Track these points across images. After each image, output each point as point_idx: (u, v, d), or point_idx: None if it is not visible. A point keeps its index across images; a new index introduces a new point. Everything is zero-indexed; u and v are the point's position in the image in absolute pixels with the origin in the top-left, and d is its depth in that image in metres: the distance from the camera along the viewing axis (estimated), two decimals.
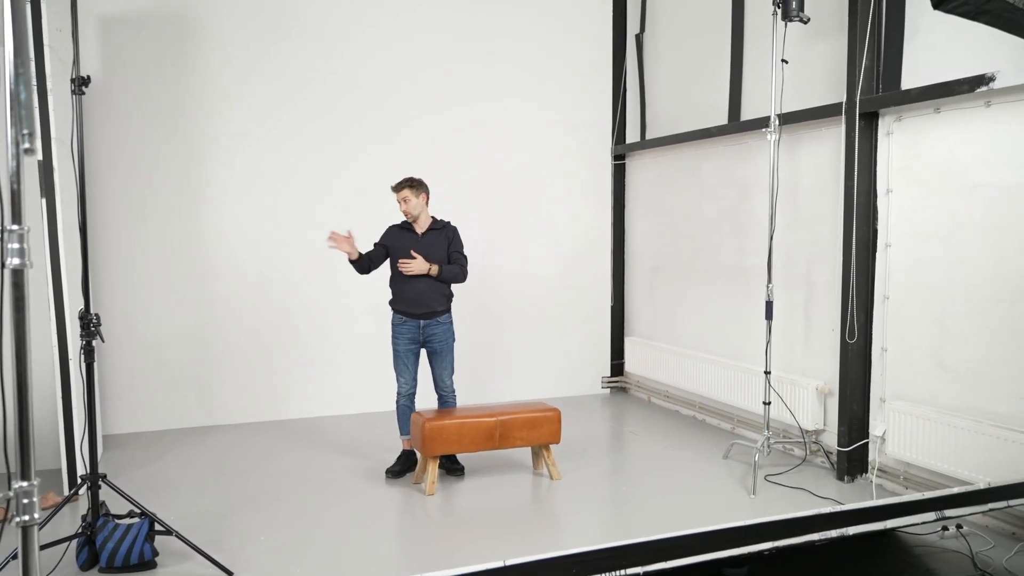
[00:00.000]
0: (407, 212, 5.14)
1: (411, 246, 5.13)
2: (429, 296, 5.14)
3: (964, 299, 4.47)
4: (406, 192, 5.11)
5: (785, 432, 5.69)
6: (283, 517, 4.53)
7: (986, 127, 4.34)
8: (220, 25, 6.44)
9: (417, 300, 5.12)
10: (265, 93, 6.58)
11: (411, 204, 5.12)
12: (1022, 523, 4.15)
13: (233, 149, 6.53)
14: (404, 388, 5.23)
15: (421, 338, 5.19)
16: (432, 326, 5.19)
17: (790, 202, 5.64)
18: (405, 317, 5.16)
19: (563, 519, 4.67)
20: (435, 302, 5.17)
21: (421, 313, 5.14)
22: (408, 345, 5.18)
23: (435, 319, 5.19)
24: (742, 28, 6.26)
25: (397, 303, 5.18)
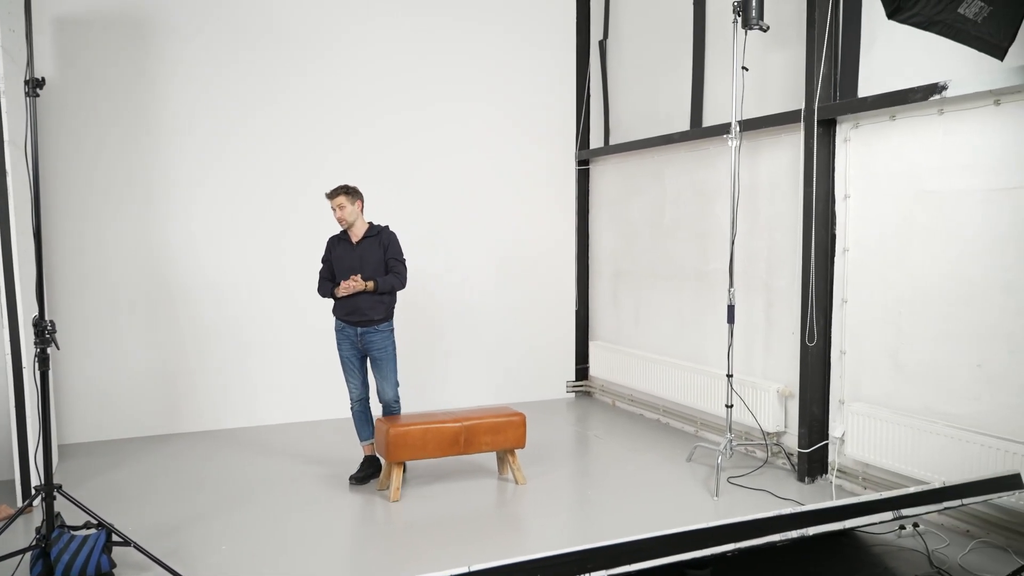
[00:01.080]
0: (342, 219, 5.06)
1: (346, 255, 5.10)
2: (365, 305, 5.06)
3: (919, 302, 4.57)
4: (341, 199, 5.03)
5: (747, 434, 5.76)
6: (245, 526, 4.47)
7: (939, 134, 4.45)
8: (178, 27, 6.35)
9: (352, 308, 5.08)
10: (224, 96, 6.51)
11: (346, 211, 5.03)
12: (976, 521, 4.24)
13: (191, 153, 6.44)
14: (354, 393, 5.23)
15: (360, 345, 5.15)
16: (370, 334, 5.11)
17: (751, 208, 5.72)
18: (344, 324, 5.15)
19: (528, 523, 4.68)
20: (371, 311, 5.07)
21: (357, 321, 5.10)
22: (350, 351, 5.17)
23: (372, 327, 5.10)
24: (703, 35, 6.34)
25: (336, 310, 5.19)
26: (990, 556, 3.98)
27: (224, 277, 6.56)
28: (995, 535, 4.14)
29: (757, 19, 4.94)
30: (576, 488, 5.34)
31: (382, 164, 6.93)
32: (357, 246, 5.12)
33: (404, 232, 6.88)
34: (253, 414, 6.69)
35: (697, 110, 6.41)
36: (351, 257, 5.09)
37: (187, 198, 6.44)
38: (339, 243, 5.20)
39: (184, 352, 6.47)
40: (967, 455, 4.21)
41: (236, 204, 6.58)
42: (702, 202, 6.34)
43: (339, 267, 5.13)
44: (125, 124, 6.25)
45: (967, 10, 3.54)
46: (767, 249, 5.67)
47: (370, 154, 6.90)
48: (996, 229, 4.14)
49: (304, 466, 5.57)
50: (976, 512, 4.23)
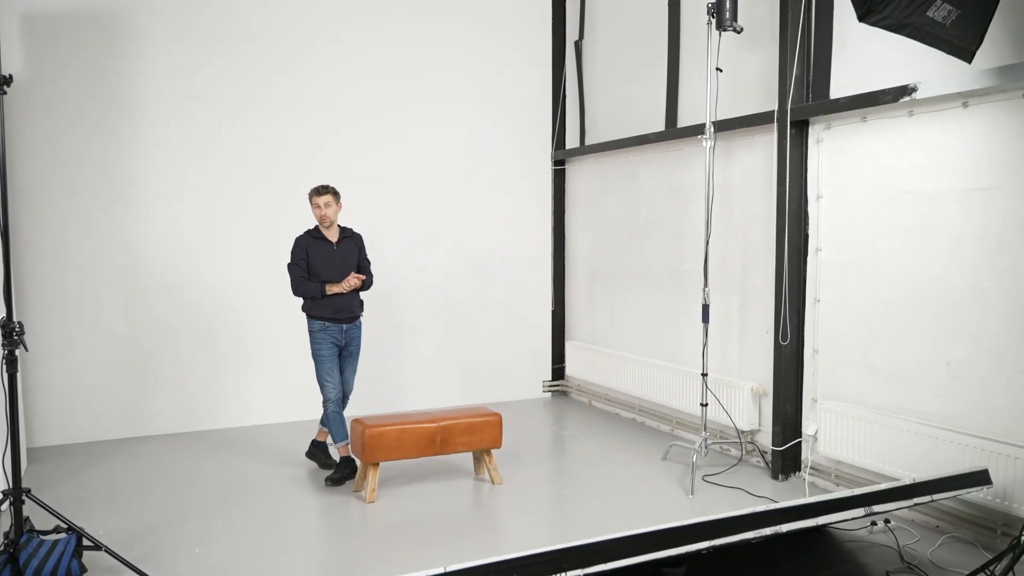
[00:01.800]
0: (326, 217, 5.14)
1: (329, 255, 5.19)
2: (353, 303, 5.27)
3: (890, 302, 4.63)
4: (329, 198, 5.14)
5: (722, 433, 5.81)
6: (219, 528, 4.43)
7: (909, 136, 4.51)
8: (148, 23, 6.27)
9: (342, 306, 5.20)
10: (194, 93, 6.43)
11: (331, 210, 5.15)
12: (946, 517, 4.31)
13: (162, 151, 6.36)
14: (333, 393, 5.21)
15: (343, 342, 5.24)
16: (352, 330, 5.29)
17: (725, 208, 5.77)
18: (328, 323, 5.16)
19: (505, 523, 4.68)
20: (357, 307, 5.31)
21: (346, 318, 5.21)
22: (332, 350, 5.21)
23: (354, 323, 5.30)
24: (678, 37, 6.38)
25: (320, 310, 5.15)
26: (959, 551, 4.04)
27: (196, 278, 6.49)
28: (964, 530, 4.21)
29: (731, 21, 4.97)
30: (552, 488, 5.34)
31: (360, 164, 6.90)
32: (338, 247, 5.23)
33: (381, 232, 6.92)
34: (226, 416, 6.63)
35: (672, 111, 6.45)
36: (334, 257, 5.20)
37: (159, 197, 6.36)
38: (316, 243, 5.20)
39: (156, 353, 6.40)
40: (937, 452, 4.28)
41: (209, 203, 6.51)
42: (677, 202, 6.38)
43: (321, 266, 5.15)
44: (94, 120, 6.16)
45: (936, 13, 3.59)
46: (741, 249, 5.72)
47: (348, 154, 6.87)
48: (964, 229, 4.21)
49: (278, 468, 5.53)
50: (946, 508, 4.29)
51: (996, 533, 4.07)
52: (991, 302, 4.08)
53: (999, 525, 4.06)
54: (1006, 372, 4.02)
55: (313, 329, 5.18)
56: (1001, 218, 4.03)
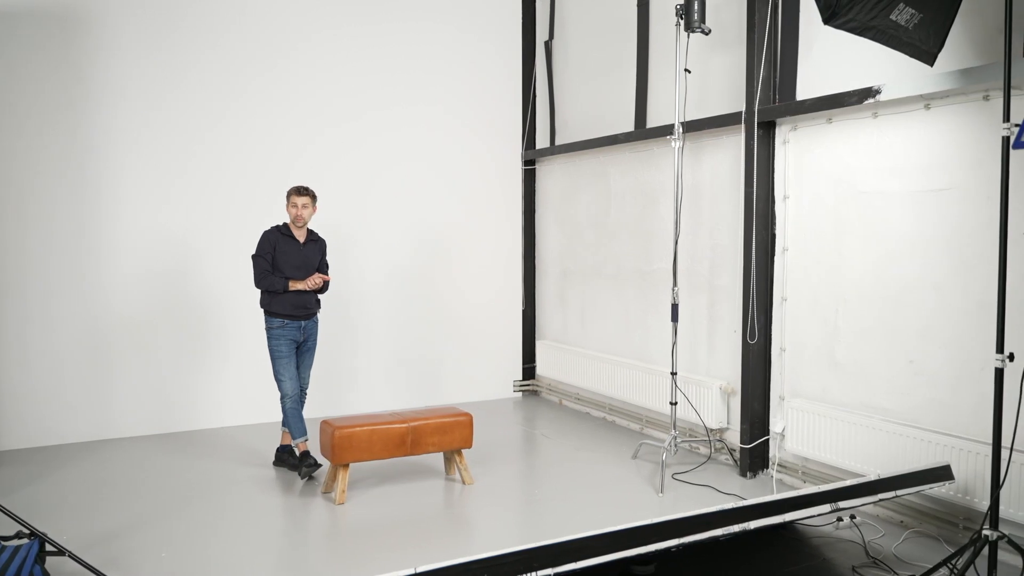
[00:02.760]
0: (300, 217, 5.26)
1: (295, 252, 5.29)
2: (311, 301, 5.38)
3: (854, 300, 4.70)
4: (307, 199, 5.29)
5: (691, 431, 5.85)
6: (185, 532, 4.37)
7: (873, 137, 4.58)
8: (111, 17, 6.16)
9: (301, 303, 5.30)
10: (161, 91, 6.34)
11: (307, 211, 5.29)
12: (910, 512, 4.39)
13: (127, 149, 6.26)
14: (292, 389, 5.28)
15: (301, 338, 5.34)
16: (310, 326, 5.41)
17: (694, 208, 5.81)
18: (287, 320, 5.24)
19: (475, 524, 4.67)
20: (314, 304, 5.42)
21: (305, 314, 5.31)
22: (291, 346, 5.30)
23: (312, 319, 5.40)
24: (647, 38, 6.42)
25: (280, 307, 5.24)
26: (923, 545, 4.12)
27: (162, 279, 6.40)
28: (927, 525, 4.29)
29: (699, 22, 5.01)
30: (523, 487, 5.35)
31: (330, 164, 6.85)
32: (304, 246, 5.35)
33: (351, 231, 6.90)
34: (193, 418, 6.54)
35: (641, 111, 6.49)
36: (300, 256, 5.32)
37: (125, 194, 6.25)
38: (284, 239, 5.27)
39: (122, 356, 6.29)
40: (900, 448, 4.35)
41: (177, 202, 6.42)
42: (646, 202, 6.42)
43: (286, 263, 5.25)
44: (57, 119, 6.04)
45: (899, 17, 3.65)
46: (710, 249, 5.77)
47: (318, 153, 6.82)
48: (926, 229, 4.29)
49: (246, 469, 5.47)
50: (909, 503, 4.37)
51: (958, 527, 4.15)
52: (952, 300, 4.16)
53: (961, 519, 4.14)
54: (967, 369, 4.10)
55: (272, 326, 5.25)
56: (962, 218, 4.11)
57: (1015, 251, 3.69)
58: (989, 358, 3.48)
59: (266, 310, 5.26)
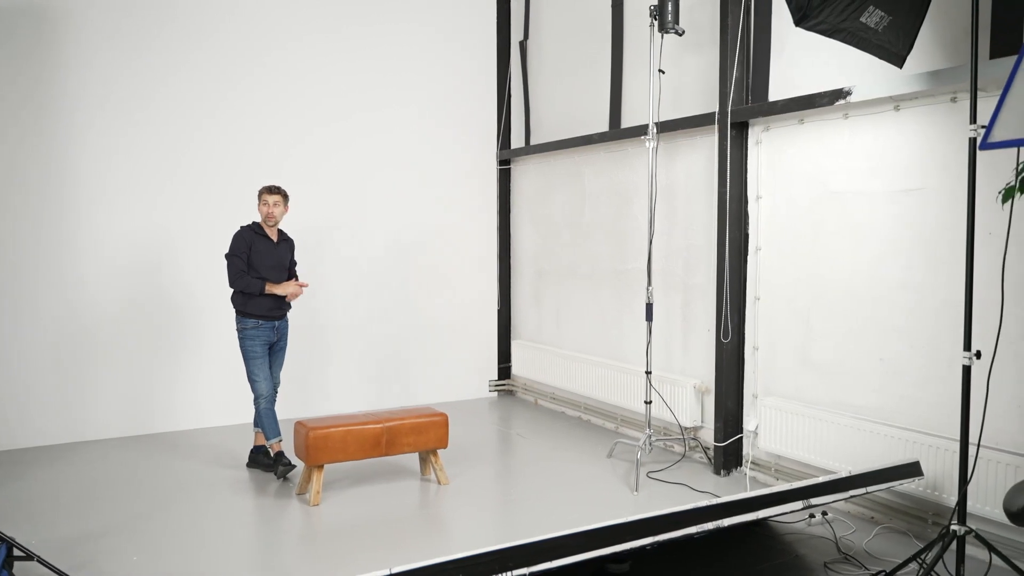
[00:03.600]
0: (271, 215, 5.24)
1: (269, 251, 5.28)
2: (283, 300, 5.37)
3: (826, 300, 4.76)
4: (279, 198, 5.27)
5: (666, 430, 5.89)
6: (158, 535, 4.32)
7: (844, 138, 4.63)
8: (82, 17, 6.07)
9: (276, 304, 5.30)
10: (132, 91, 6.25)
11: (278, 210, 5.27)
12: (880, 508, 4.44)
13: (99, 148, 6.17)
14: (266, 390, 5.27)
15: (275, 338, 5.34)
16: (283, 326, 5.44)
17: (668, 208, 5.85)
18: (262, 321, 5.22)
19: (451, 524, 4.66)
20: (284, 306, 5.41)
21: (279, 315, 5.33)
22: (264, 347, 5.29)
23: (284, 319, 5.42)
24: (621, 38, 6.45)
25: (257, 309, 5.21)
26: (893, 540, 4.17)
27: (136, 280, 6.32)
28: (897, 520, 4.35)
29: (673, 23, 5.04)
30: (499, 487, 5.35)
31: (304, 164, 6.80)
32: (278, 246, 5.35)
33: (326, 231, 6.86)
34: (166, 419, 6.46)
35: (616, 111, 6.51)
36: (274, 255, 5.32)
37: (97, 193, 6.16)
38: (258, 239, 5.25)
39: (93, 357, 6.20)
40: (871, 445, 4.41)
41: (151, 201, 6.34)
42: (621, 202, 6.45)
43: (261, 263, 5.23)
44: (28, 118, 5.92)
45: (869, 19, 3.70)
46: (684, 248, 5.80)
47: (292, 154, 6.76)
48: (896, 229, 4.35)
49: (220, 471, 5.42)
50: (880, 499, 4.43)
51: (927, 523, 4.21)
52: (922, 299, 4.22)
53: (930, 515, 4.21)
54: (936, 367, 4.16)
55: (246, 327, 5.20)
56: (931, 218, 4.17)
57: (982, 251, 3.75)
58: (957, 356, 3.53)
59: (240, 310, 5.21)
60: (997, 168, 3.72)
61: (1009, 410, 3.82)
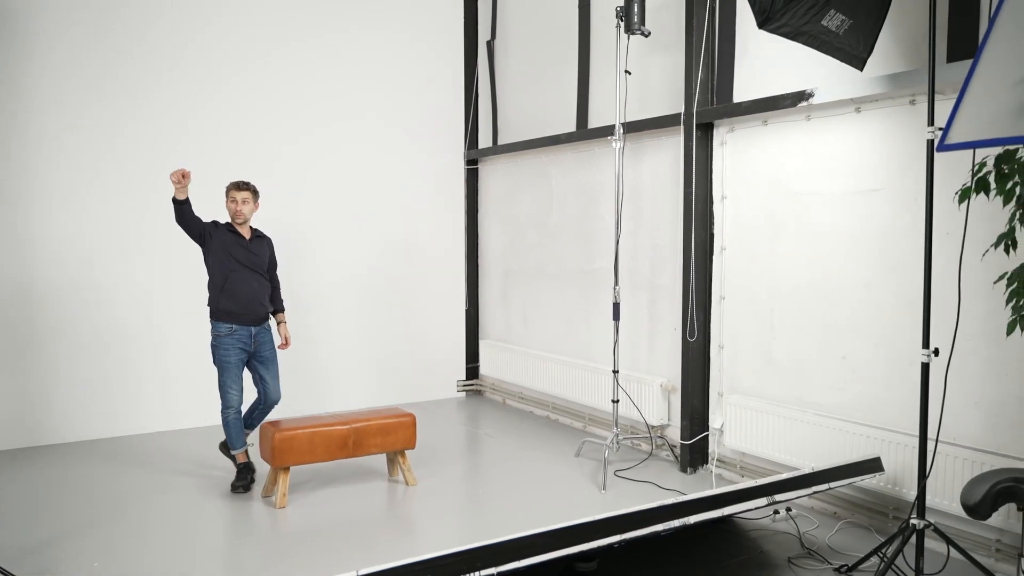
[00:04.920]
0: (240, 212, 4.99)
1: (240, 250, 5.02)
2: (261, 293, 5.10)
3: (789, 299, 4.82)
4: (248, 194, 5.03)
5: (633, 428, 5.92)
6: (120, 540, 4.24)
7: (806, 139, 4.70)
8: (38, 16, 5.95)
9: (252, 299, 5.00)
10: (88, 92, 6.13)
11: (248, 207, 5.03)
12: (842, 503, 4.52)
13: (56, 148, 6.04)
14: (235, 401, 5.01)
15: (252, 347, 5.05)
16: (262, 333, 5.10)
17: (634, 208, 5.89)
18: (236, 326, 4.97)
19: (419, 525, 4.65)
20: (266, 302, 5.13)
21: (254, 318, 5.02)
22: (239, 356, 5.00)
23: (263, 325, 5.12)
24: (588, 39, 6.47)
25: (228, 306, 4.95)
26: (855, 535, 4.25)
27: (95, 279, 6.20)
28: (859, 515, 4.42)
29: (639, 25, 5.08)
30: (467, 487, 5.34)
31: (270, 164, 6.73)
32: (251, 243, 5.11)
33: (292, 232, 6.78)
34: (127, 423, 6.35)
35: (583, 112, 6.54)
36: (246, 253, 5.05)
37: (54, 195, 6.04)
38: (228, 234, 5.03)
39: (49, 359, 6.08)
40: (834, 442, 4.48)
41: (113, 201, 6.23)
42: (588, 202, 6.47)
43: (229, 258, 4.97)
44: None
45: (830, 22, 3.76)
46: (650, 248, 5.85)
47: (258, 153, 6.69)
48: (857, 229, 4.42)
49: (183, 475, 5.34)
50: (842, 495, 4.50)
51: (888, 517, 4.29)
52: (882, 298, 4.30)
53: (891, 509, 4.28)
54: (896, 364, 4.24)
55: (220, 333, 4.97)
56: (891, 218, 4.25)
57: (940, 250, 3.83)
58: (917, 354, 3.61)
59: (213, 308, 4.98)
60: (955, 170, 3.81)
61: (966, 406, 3.91)
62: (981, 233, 3.65)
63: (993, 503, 3.18)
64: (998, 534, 3.79)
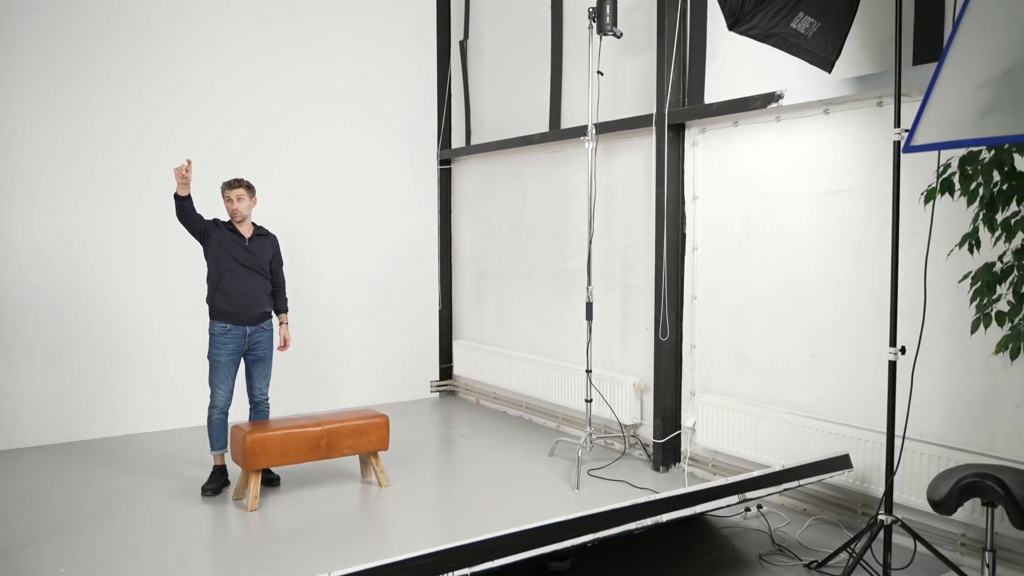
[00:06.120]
0: (237, 211, 4.95)
1: (239, 249, 4.97)
2: (258, 293, 5.03)
3: (760, 298, 4.87)
4: (242, 191, 4.97)
5: (606, 427, 5.95)
6: (89, 545, 4.18)
7: (777, 140, 4.75)
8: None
9: (246, 298, 4.95)
10: (63, 89, 6.04)
11: (243, 204, 4.97)
12: (812, 500, 4.57)
13: (30, 147, 5.93)
14: (222, 402, 4.98)
15: (246, 347, 5.02)
16: (258, 333, 5.05)
17: (607, 208, 5.91)
18: (230, 325, 4.94)
19: (392, 526, 4.63)
20: (263, 302, 5.06)
21: (249, 318, 4.98)
22: (231, 356, 4.97)
23: (260, 325, 5.06)
24: (561, 40, 6.49)
25: (222, 305, 4.92)
26: (825, 531, 4.30)
27: (70, 279, 6.10)
28: (828, 512, 4.48)
29: (611, 26, 5.10)
30: (440, 488, 5.33)
31: (241, 165, 6.65)
32: (250, 242, 5.04)
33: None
34: (99, 425, 6.25)
35: (556, 112, 6.55)
36: (244, 252, 4.99)
37: (30, 193, 5.92)
38: (227, 232, 4.98)
39: (21, 360, 5.96)
40: (804, 439, 4.53)
41: (89, 200, 6.13)
42: (561, 202, 6.49)
43: (226, 257, 4.92)
44: None
45: (799, 25, 3.80)
46: (623, 248, 5.87)
47: (228, 155, 6.61)
48: (826, 230, 4.48)
49: (154, 479, 5.27)
50: (812, 491, 4.55)
51: (857, 513, 4.35)
52: (851, 297, 4.36)
53: (859, 506, 4.34)
54: (864, 363, 4.30)
55: (214, 332, 4.94)
56: (860, 218, 4.31)
57: (907, 250, 3.89)
58: (884, 352, 3.66)
59: (210, 306, 4.94)
60: (921, 170, 3.87)
61: (933, 403, 3.97)
62: (947, 233, 3.71)
63: (958, 498, 3.23)
64: (963, 528, 3.86)
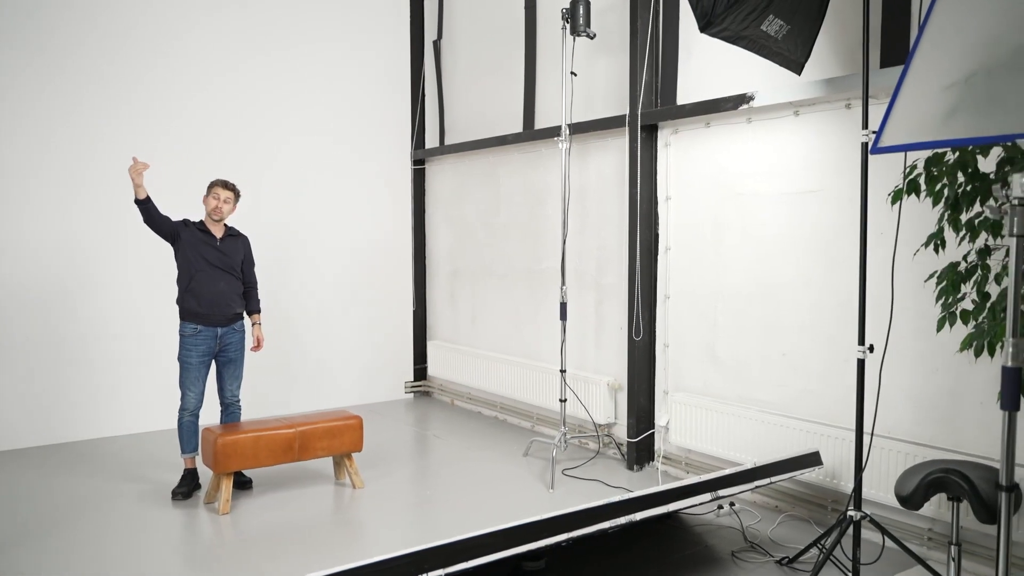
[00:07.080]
0: (218, 210, 4.91)
1: (209, 249, 4.92)
2: (229, 294, 4.97)
3: (731, 298, 4.92)
4: (231, 195, 4.96)
5: (580, 427, 5.97)
6: (57, 550, 4.11)
7: (748, 141, 4.80)
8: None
9: (218, 299, 4.90)
10: (38, 88, 5.94)
11: (227, 207, 4.96)
12: (784, 497, 4.62)
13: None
14: (193, 404, 4.92)
15: (217, 348, 4.97)
16: (229, 334, 5.01)
17: (581, 208, 5.93)
18: (200, 327, 4.89)
19: (367, 528, 4.61)
20: (235, 303, 5.01)
21: (220, 319, 4.93)
22: (202, 358, 4.92)
23: (232, 326, 5.02)
24: (535, 40, 6.50)
25: (193, 307, 4.87)
26: (796, 528, 4.35)
27: (44, 279, 5.99)
28: (799, 508, 4.53)
29: (584, 26, 5.12)
30: (415, 489, 5.32)
31: (212, 165, 6.59)
32: (221, 242, 4.99)
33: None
34: (61, 430, 6.15)
35: (529, 112, 6.56)
36: (216, 253, 4.95)
37: (15, 198, 5.86)
38: (198, 233, 4.92)
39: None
40: (775, 437, 4.58)
41: (65, 200, 6.03)
42: (535, 202, 6.50)
43: (197, 258, 4.88)
44: None
45: (769, 27, 3.85)
46: (596, 248, 5.90)
47: (200, 155, 6.55)
48: (796, 229, 4.53)
49: (125, 483, 5.20)
50: (783, 489, 4.61)
51: (827, 509, 4.41)
52: (820, 297, 4.42)
53: (829, 502, 4.40)
54: (833, 361, 4.36)
55: (184, 333, 4.89)
56: (829, 219, 4.37)
57: (875, 250, 3.95)
58: (853, 350, 3.71)
59: (180, 307, 4.89)
60: (888, 171, 3.93)
61: (900, 401, 4.03)
62: (913, 233, 3.78)
63: (925, 494, 3.29)
64: (930, 523, 3.93)
